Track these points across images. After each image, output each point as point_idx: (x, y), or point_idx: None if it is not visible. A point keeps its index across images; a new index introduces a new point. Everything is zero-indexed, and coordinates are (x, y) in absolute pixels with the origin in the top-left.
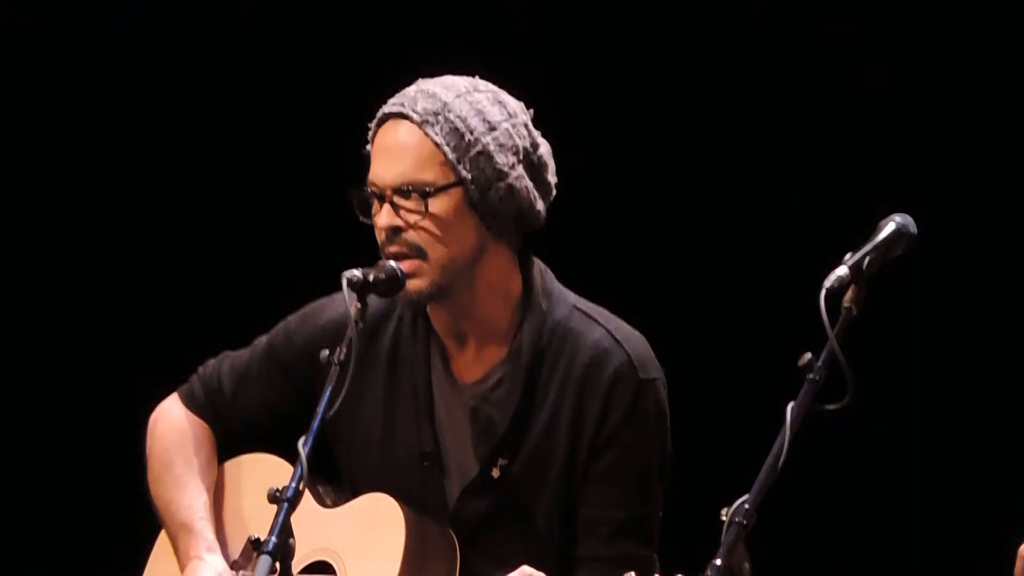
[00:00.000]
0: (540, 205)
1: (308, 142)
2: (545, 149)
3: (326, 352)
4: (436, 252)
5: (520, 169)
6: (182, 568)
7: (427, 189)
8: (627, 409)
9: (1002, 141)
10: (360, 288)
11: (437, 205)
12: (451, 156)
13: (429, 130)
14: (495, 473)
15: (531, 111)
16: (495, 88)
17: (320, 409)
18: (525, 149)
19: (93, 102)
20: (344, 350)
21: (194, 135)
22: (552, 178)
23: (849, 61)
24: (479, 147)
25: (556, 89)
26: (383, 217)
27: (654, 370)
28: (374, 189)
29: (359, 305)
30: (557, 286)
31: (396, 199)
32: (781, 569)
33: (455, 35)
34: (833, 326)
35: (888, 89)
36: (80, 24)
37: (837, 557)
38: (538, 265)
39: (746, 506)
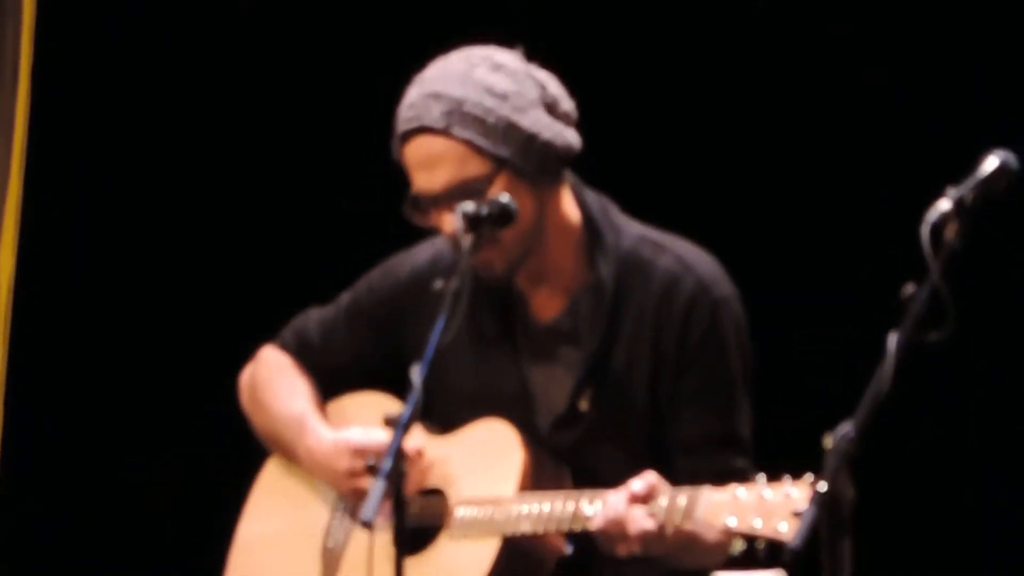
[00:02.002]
0: (570, 134)
1: (307, 143)
2: (553, 84)
3: (439, 282)
4: (508, 236)
5: (545, 118)
6: (305, 458)
7: (478, 186)
8: (705, 329)
9: (1002, 140)
10: (473, 221)
11: (492, 194)
12: (485, 145)
13: (454, 131)
14: (583, 406)
15: (519, 48)
16: (487, 52)
17: (435, 336)
18: (539, 97)
19: (95, 103)
20: (457, 281)
21: (193, 135)
22: (568, 104)
23: (849, 61)
24: (504, 122)
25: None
26: (448, 224)
27: (726, 287)
28: (426, 198)
29: (473, 237)
30: (621, 218)
31: (453, 203)
32: (884, 497)
33: (455, 35)
34: (935, 259)
35: (888, 89)
36: (80, 24)
37: (941, 488)
38: (597, 198)
39: (850, 433)
